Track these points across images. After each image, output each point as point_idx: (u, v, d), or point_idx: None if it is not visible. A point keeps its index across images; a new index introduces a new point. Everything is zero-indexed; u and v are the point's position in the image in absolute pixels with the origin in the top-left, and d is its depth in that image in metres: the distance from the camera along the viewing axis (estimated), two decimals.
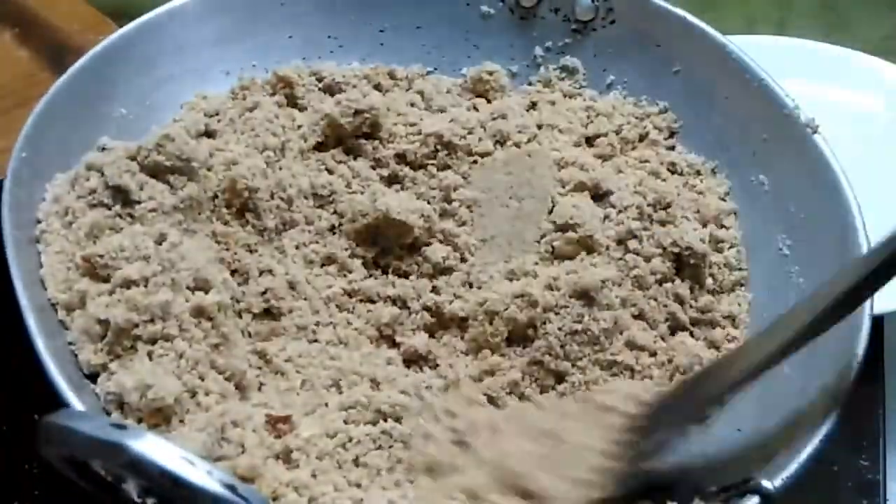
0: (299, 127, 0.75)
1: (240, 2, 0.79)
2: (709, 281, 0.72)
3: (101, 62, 0.72)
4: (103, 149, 0.68)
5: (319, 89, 0.79)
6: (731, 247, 0.74)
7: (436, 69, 0.84)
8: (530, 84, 0.84)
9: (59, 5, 0.96)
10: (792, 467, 0.56)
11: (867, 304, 0.63)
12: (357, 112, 0.74)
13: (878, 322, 0.78)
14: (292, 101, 0.77)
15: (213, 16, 0.78)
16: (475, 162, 0.75)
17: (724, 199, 0.76)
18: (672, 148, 0.80)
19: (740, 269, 0.73)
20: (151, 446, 0.43)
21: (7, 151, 0.66)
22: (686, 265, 0.72)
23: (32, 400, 0.56)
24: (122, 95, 0.73)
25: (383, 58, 0.82)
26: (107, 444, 0.43)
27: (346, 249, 0.71)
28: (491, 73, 0.82)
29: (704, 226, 0.74)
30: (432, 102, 0.80)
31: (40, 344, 0.57)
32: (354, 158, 0.75)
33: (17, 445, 0.73)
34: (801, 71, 0.93)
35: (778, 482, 0.55)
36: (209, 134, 0.73)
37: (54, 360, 0.56)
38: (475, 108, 0.81)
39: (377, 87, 0.81)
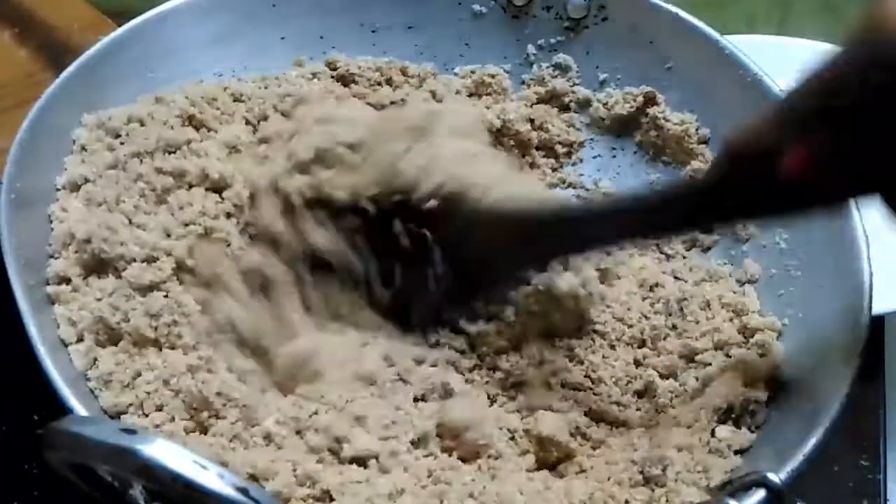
0: None
1: (231, 4, 0.79)
2: None
3: (93, 67, 0.73)
4: None
5: (332, 77, 0.80)
6: None
7: None
8: (523, 83, 0.84)
9: (59, 5, 0.96)
10: (796, 461, 0.56)
11: (867, 303, 0.63)
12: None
13: (878, 322, 0.79)
14: None
15: (205, 18, 0.78)
16: None
17: None
18: None
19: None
20: (162, 451, 0.43)
21: (6, 152, 0.66)
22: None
23: (32, 400, 0.57)
24: (115, 99, 0.73)
25: (376, 57, 0.82)
26: (117, 450, 0.43)
27: None
28: (493, 76, 0.83)
29: None
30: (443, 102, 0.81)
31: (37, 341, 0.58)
32: None
33: (17, 445, 0.74)
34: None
35: (783, 475, 0.55)
36: None
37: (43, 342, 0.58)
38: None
39: (388, 81, 0.81)
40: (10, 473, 0.72)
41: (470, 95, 0.82)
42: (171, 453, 0.43)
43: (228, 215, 0.67)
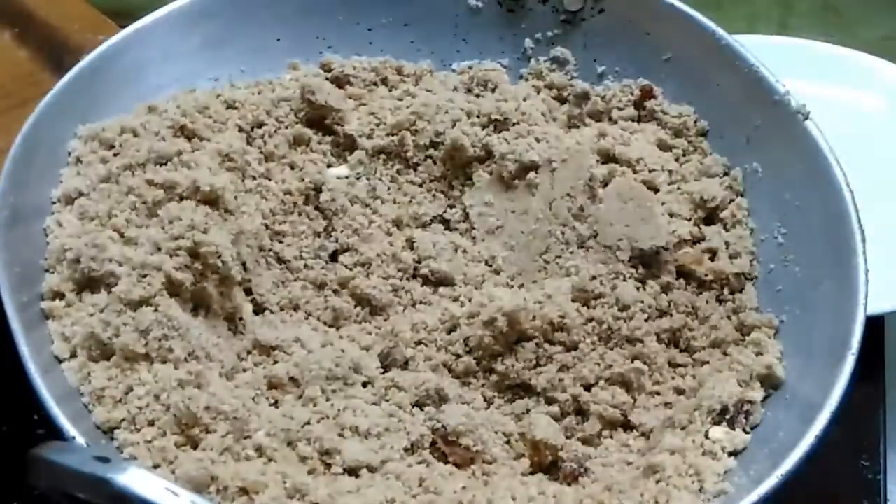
0: None
1: (226, 6, 0.79)
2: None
3: (87, 77, 0.73)
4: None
5: (326, 79, 0.80)
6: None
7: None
8: (521, 78, 0.83)
9: (59, 5, 0.95)
10: (790, 463, 0.57)
11: (863, 300, 0.64)
12: None
13: (878, 322, 0.79)
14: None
15: (199, 22, 0.78)
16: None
17: None
18: None
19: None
20: (135, 479, 0.45)
21: (5, 152, 0.66)
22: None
23: (32, 400, 0.58)
24: (110, 109, 0.73)
25: (373, 56, 0.82)
26: (91, 478, 0.45)
27: None
28: (491, 72, 0.82)
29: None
30: None
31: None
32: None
33: (17, 445, 0.74)
34: (802, 71, 0.93)
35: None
36: None
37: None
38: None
39: (384, 81, 0.81)
40: (8, 473, 0.73)
41: (468, 91, 0.81)
42: (143, 481, 0.44)
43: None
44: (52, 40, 0.93)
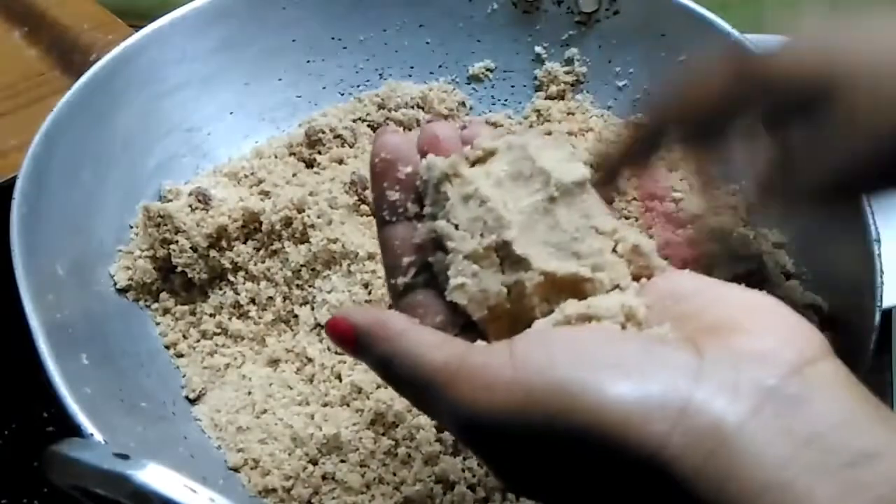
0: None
1: (242, 8, 0.79)
2: None
3: (104, 77, 0.72)
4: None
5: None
6: None
7: (441, 66, 0.84)
8: (535, 79, 0.83)
9: (69, 4, 0.95)
10: None
11: (878, 301, 0.63)
12: None
13: (886, 315, 0.78)
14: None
15: (216, 23, 0.78)
16: None
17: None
18: None
19: None
20: (154, 476, 0.44)
21: (18, 149, 0.66)
22: None
23: (42, 397, 0.58)
24: (129, 108, 0.73)
25: (387, 57, 0.83)
26: (110, 475, 0.44)
27: None
28: (490, 71, 0.83)
29: None
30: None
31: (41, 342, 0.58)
32: None
33: (27, 442, 0.74)
34: None
35: None
36: None
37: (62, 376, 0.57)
38: None
39: None
40: (20, 470, 0.73)
41: None
42: (162, 478, 0.44)
43: None
44: (62, 40, 0.92)
